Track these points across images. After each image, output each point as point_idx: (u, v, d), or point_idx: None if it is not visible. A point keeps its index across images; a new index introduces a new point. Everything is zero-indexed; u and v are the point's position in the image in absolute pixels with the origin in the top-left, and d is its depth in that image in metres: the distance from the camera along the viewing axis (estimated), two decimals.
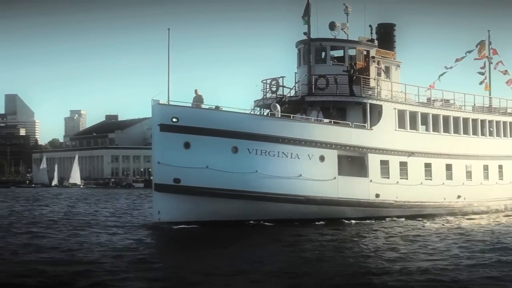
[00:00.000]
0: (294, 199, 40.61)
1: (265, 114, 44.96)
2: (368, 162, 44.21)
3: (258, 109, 47.06)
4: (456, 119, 51.69)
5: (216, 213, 38.41)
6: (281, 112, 42.32)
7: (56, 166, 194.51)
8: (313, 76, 45.54)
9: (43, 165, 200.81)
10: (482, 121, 54.24)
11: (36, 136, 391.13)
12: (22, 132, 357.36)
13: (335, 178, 42.28)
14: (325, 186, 41.82)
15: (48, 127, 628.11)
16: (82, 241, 31.50)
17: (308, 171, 41.16)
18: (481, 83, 58.80)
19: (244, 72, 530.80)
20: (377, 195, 44.33)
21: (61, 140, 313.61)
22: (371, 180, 44.17)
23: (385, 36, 51.44)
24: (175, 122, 37.82)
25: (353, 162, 43.94)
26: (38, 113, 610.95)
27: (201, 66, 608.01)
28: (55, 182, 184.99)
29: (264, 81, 47.04)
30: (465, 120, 52.51)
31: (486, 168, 53.53)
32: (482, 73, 59.69)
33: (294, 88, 46.35)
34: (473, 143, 52.83)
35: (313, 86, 45.36)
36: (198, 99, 39.98)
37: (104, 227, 38.95)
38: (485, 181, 53.12)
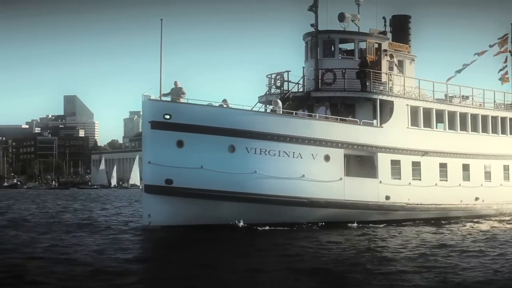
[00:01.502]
0: (296, 202, 38.03)
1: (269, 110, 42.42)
2: (377, 162, 41.51)
3: (262, 105, 44.51)
4: (474, 117, 48.80)
5: (211, 217, 35.88)
6: (284, 109, 39.92)
7: (115, 167, 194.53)
8: (320, 71, 43.01)
9: (102, 166, 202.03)
10: (503, 119, 51.15)
11: (95, 137, 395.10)
12: (81, 133, 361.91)
13: (341, 179, 39.67)
14: (330, 188, 39.22)
15: (107, 128, 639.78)
16: None
17: (312, 171, 38.54)
18: (500, 79, 55.58)
19: (250, 66, 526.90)
20: (387, 197, 41.64)
21: (120, 141, 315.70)
22: (380, 181, 41.46)
23: (400, 29, 48.77)
24: (167, 119, 35.32)
25: (361, 162, 41.39)
26: (97, 114, 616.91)
27: (204, 60, 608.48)
28: (114, 183, 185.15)
29: (269, 76, 44.58)
30: (484, 118, 49.53)
31: (506, 168, 50.50)
32: (503, 68, 56.46)
33: (299, 83, 43.95)
34: (493, 142, 49.78)
35: (320, 81, 42.82)
36: (176, 92, 37.22)
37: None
38: (506, 182, 50.07)
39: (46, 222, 43.40)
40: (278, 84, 43.74)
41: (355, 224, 39.39)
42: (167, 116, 35.28)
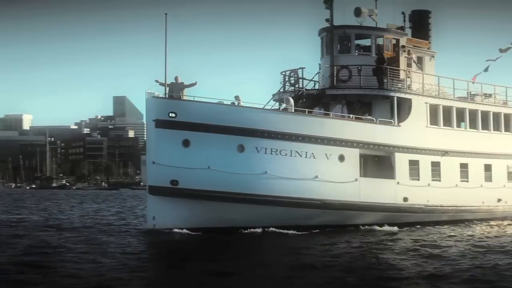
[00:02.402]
0: (309, 204, 36.39)
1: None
2: (395, 162, 39.84)
3: (275, 103, 42.89)
4: (496, 115, 46.94)
5: (218, 219, 34.35)
6: (298, 107, 38.36)
7: None
8: (335, 67, 41.39)
9: None
10: None
11: (145, 138, 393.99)
12: (131, 133, 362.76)
13: (356, 180, 38.03)
14: (345, 189, 37.56)
15: None
16: None
17: (326, 172, 36.90)
18: None
19: (266, 64, 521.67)
20: (405, 199, 39.96)
21: None
22: (398, 182, 39.78)
23: (419, 24, 47.08)
24: (172, 117, 33.81)
25: (378, 162, 39.73)
26: None
27: (219, 60, 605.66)
28: None
29: (283, 73, 42.98)
30: (507, 116, 47.64)
31: None
32: None
33: (314, 80, 42.40)
34: None
35: (335, 78, 41.20)
36: (176, 88, 35.51)
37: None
38: None
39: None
40: (292, 82, 42.18)
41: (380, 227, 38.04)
42: (172, 114, 33.77)
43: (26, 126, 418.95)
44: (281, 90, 42.63)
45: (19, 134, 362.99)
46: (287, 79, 42.59)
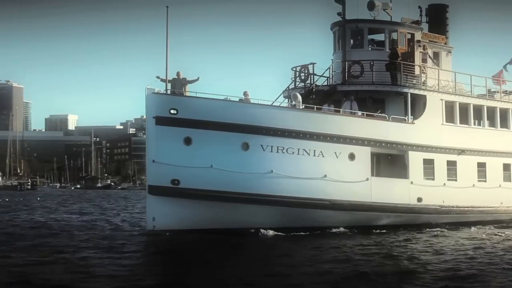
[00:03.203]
0: (318, 204, 34.94)
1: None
2: (408, 161, 38.31)
3: (285, 100, 41.48)
4: None
5: (221, 221, 32.98)
6: (307, 104, 36.94)
7: None
8: (347, 63, 39.92)
9: None
10: None
11: None
12: None
13: (367, 179, 36.53)
14: (355, 189, 36.07)
15: None
16: None
17: (335, 171, 35.44)
18: None
19: (277, 58, 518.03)
20: (419, 199, 38.42)
21: None
22: (412, 182, 38.25)
23: (436, 19, 45.43)
24: (173, 114, 32.48)
25: (390, 161, 38.22)
26: None
27: (226, 52, 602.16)
28: None
29: (294, 69, 41.57)
30: None
31: None
32: None
33: (325, 76, 41.04)
34: None
35: (346, 73, 39.73)
36: (177, 84, 34.02)
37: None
38: None
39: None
40: (303, 77, 40.78)
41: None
42: (174, 111, 32.42)
43: (71, 126, 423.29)
44: (292, 86, 41.28)
45: (64, 135, 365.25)
46: (297, 75, 41.22)
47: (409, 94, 38.99)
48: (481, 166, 42.12)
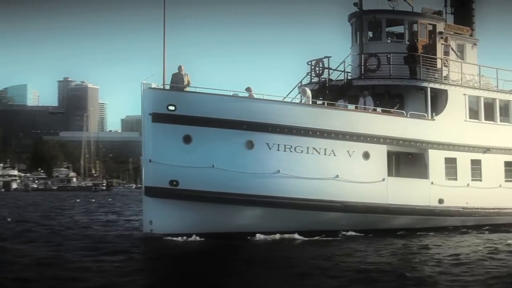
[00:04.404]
0: (329, 207, 32.81)
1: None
2: (428, 159, 36.05)
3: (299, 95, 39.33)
4: None
5: (223, 224, 31.01)
6: (323, 100, 34.84)
7: None
8: (363, 56, 37.71)
9: None
10: None
11: None
12: None
13: (383, 179, 34.31)
14: (370, 190, 33.86)
15: None
16: None
17: (348, 171, 33.27)
18: None
19: (293, 53, 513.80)
20: (441, 201, 36.11)
21: None
22: (432, 182, 35.97)
23: (462, 9, 43.22)
24: (171, 110, 30.49)
25: (409, 160, 36.15)
26: None
27: (239, 47, 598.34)
28: None
29: (309, 63, 39.52)
30: None
31: None
32: None
33: (340, 70, 38.86)
34: None
35: (362, 67, 37.52)
36: (178, 80, 32.13)
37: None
38: None
39: None
40: (318, 72, 38.74)
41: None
42: (172, 107, 30.46)
43: None
44: (307, 81, 39.25)
45: (140, 135, 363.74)
46: (312, 69, 39.18)
47: (428, 89, 36.74)
48: (509, 165, 39.66)
